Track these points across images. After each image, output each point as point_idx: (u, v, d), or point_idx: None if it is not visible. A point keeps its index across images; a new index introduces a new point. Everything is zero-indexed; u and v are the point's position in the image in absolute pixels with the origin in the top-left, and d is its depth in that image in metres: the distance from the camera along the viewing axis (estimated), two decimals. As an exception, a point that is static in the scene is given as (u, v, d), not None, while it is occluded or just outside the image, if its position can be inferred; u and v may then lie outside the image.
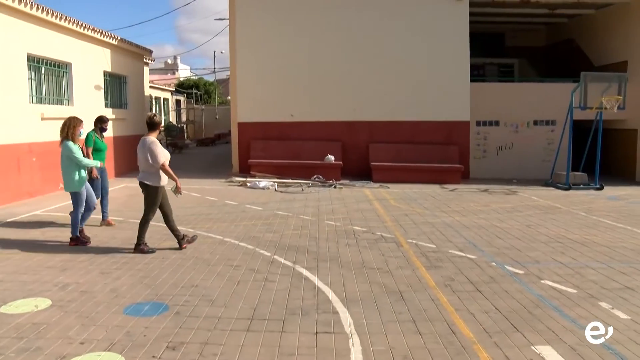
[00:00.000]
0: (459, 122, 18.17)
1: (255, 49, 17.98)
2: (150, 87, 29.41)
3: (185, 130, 37.23)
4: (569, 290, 6.49)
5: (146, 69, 22.99)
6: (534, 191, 15.81)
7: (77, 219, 8.48)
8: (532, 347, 4.82)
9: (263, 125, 18.06)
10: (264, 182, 15.55)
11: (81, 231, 8.58)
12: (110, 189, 9.98)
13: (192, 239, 8.47)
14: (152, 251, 7.95)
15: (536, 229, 10.21)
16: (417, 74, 17.99)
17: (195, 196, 13.42)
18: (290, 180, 16.28)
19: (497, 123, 19.45)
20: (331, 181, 16.25)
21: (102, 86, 16.53)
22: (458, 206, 12.69)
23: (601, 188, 16.54)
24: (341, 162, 17.24)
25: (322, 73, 17.95)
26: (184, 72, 63.18)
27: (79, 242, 8.42)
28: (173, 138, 29.76)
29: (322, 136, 17.92)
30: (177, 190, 8.04)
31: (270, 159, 17.40)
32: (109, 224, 9.86)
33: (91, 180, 9.26)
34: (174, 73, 60.47)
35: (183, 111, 41.33)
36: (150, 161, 7.74)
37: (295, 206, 12.04)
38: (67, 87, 14.87)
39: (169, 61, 66.27)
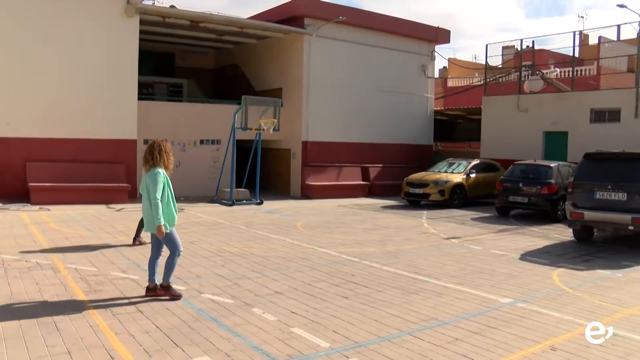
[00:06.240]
0: (126, 140, 17.74)
1: None
2: None
3: None
4: (227, 300, 6.91)
5: None
6: (200, 208, 16.44)
7: (172, 264, 6.92)
8: (191, 360, 5.00)
9: None
10: None
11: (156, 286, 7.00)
12: None
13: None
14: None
15: (199, 244, 10.63)
16: (83, 89, 16.99)
17: None
18: None
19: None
20: (-18, 204, 14.45)
21: None
22: (123, 226, 12.42)
23: (261, 203, 18.02)
24: (-7, 183, 15.40)
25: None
26: None
27: (169, 293, 6.88)
28: None
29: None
30: None
31: None
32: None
33: None
34: None
35: None
36: None
37: None
38: None
39: None
